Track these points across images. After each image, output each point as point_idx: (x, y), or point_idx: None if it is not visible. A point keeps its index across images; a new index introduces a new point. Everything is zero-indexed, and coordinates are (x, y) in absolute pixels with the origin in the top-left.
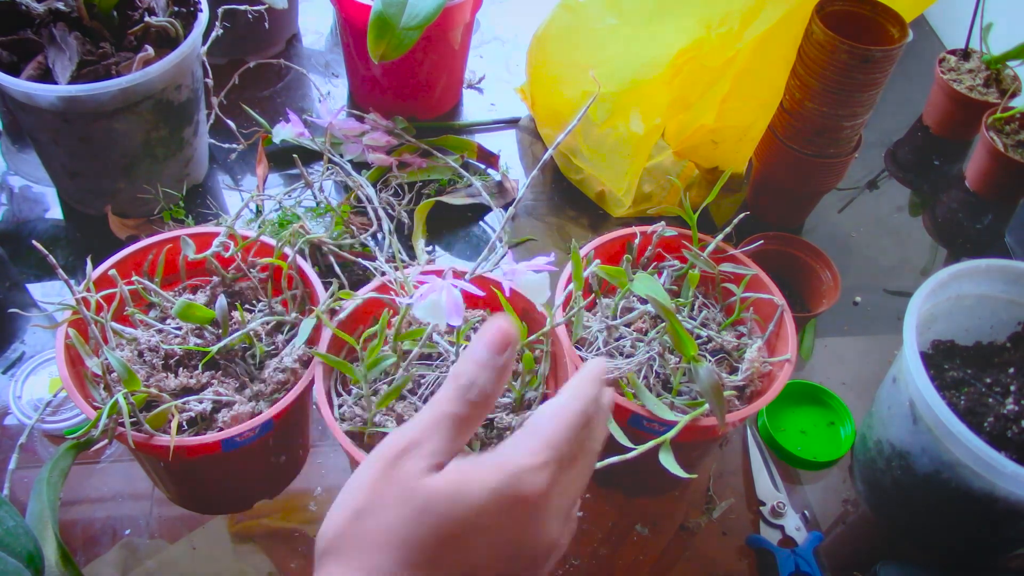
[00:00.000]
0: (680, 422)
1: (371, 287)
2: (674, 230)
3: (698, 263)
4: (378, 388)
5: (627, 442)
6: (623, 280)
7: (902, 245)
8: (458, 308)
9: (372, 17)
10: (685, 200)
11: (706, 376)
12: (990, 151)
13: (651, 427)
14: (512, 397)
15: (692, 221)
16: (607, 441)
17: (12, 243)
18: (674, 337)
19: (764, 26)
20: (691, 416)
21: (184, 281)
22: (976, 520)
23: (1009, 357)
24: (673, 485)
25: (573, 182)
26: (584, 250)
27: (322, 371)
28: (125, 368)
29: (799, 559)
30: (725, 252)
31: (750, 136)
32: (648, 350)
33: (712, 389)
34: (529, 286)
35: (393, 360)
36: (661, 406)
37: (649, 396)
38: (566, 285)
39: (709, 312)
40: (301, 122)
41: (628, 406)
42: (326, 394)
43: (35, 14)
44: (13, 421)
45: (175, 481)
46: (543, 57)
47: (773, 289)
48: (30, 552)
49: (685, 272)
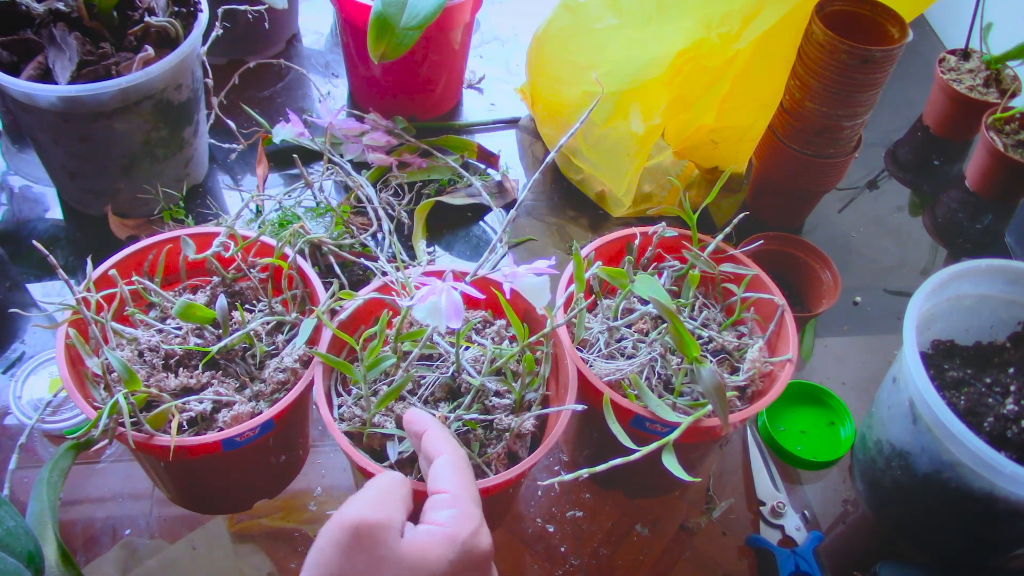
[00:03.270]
0: (683, 423)
1: (372, 287)
2: (674, 230)
3: (698, 263)
4: (378, 388)
5: (631, 443)
6: (624, 282)
7: (902, 245)
8: (458, 311)
9: (372, 17)
10: (685, 201)
11: (709, 377)
12: (990, 151)
13: (653, 428)
14: (512, 399)
15: (692, 221)
16: (611, 443)
17: (12, 243)
18: (676, 338)
19: (764, 26)
20: (694, 417)
21: (184, 281)
22: (976, 520)
23: (1009, 357)
24: (673, 485)
25: (573, 182)
26: (584, 251)
27: (322, 371)
28: (125, 368)
29: (799, 559)
30: (725, 252)
31: (750, 136)
32: (650, 351)
33: (715, 390)
34: (530, 289)
35: (393, 361)
36: (664, 407)
37: (652, 397)
38: (567, 286)
39: (710, 312)
40: (301, 122)
41: (631, 407)
42: (326, 394)
43: (35, 14)
44: (13, 421)
45: (175, 481)
46: (543, 57)
47: (773, 289)
48: (30, 552)
49: (685, 272)
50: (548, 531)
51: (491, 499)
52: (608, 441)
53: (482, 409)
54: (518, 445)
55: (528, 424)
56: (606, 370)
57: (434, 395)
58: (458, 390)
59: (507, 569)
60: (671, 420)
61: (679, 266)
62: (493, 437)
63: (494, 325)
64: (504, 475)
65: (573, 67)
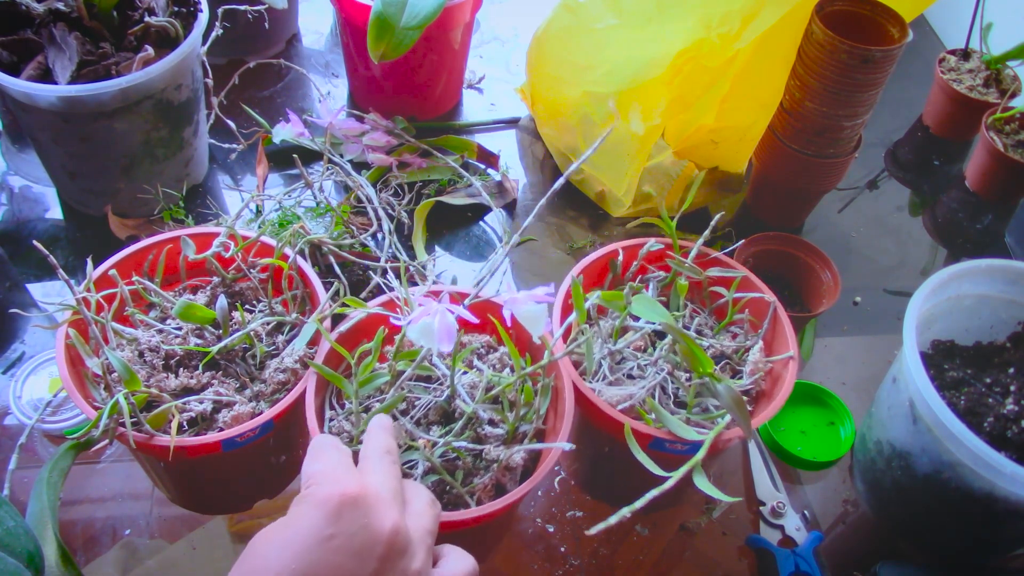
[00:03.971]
0: (706, 440)
1: (377, 302)
2: (661, 243)
3: (683, 271)
4: (370, 405)
5: (657, 468)
6: (622, 305)
7: (902, 245)
8: (450, 334)
9: (372, 17)
10: (662, 208)
11: (727, 392)
12: (990, 151)
13: (673, 448)
14: (505, 429)
15: (671, 229)
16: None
17: (12, 243)
18: (689, 356)
19: (764, 26)
20: (716, 432)
21: (184, 281)
22: (976, 520)
23: (1009, 357)
24: (677, 500)
25: (573, 182)
26: (572, 274)
27: (315, 382)
28: (125, 368)
29: (799, 559)
30: (708, 256)
31: (750, 136)
32: (657, 371)
33: (735, 403)
34: (528, 316)
35: (387, 379)
36: (684, 427)
37: (672, 419)
38: (562, 317)
39: (701, 318)
40: (301, 122)
41: (650, 432)
42: (319, 408)
43: (35, 14)
44: (13, 421)
45: (175, 481)
46: (543, 57)
47: (762, 287)
48: (30, 552)
49: (670, 281)
50: (548, 531)
51: (475, 531)
52: (602, 456)
53: (474, 437)
54: (507, 477)
55: (517, 457)
56: (616, 396)
57: (427, 417)
58: (452, 415)
59: (507, 569)
60: (693, 439)
61: (663, 276)
62: (482, 467)
63: (497, 351)
64: (482, 509)
65: (573, 67)
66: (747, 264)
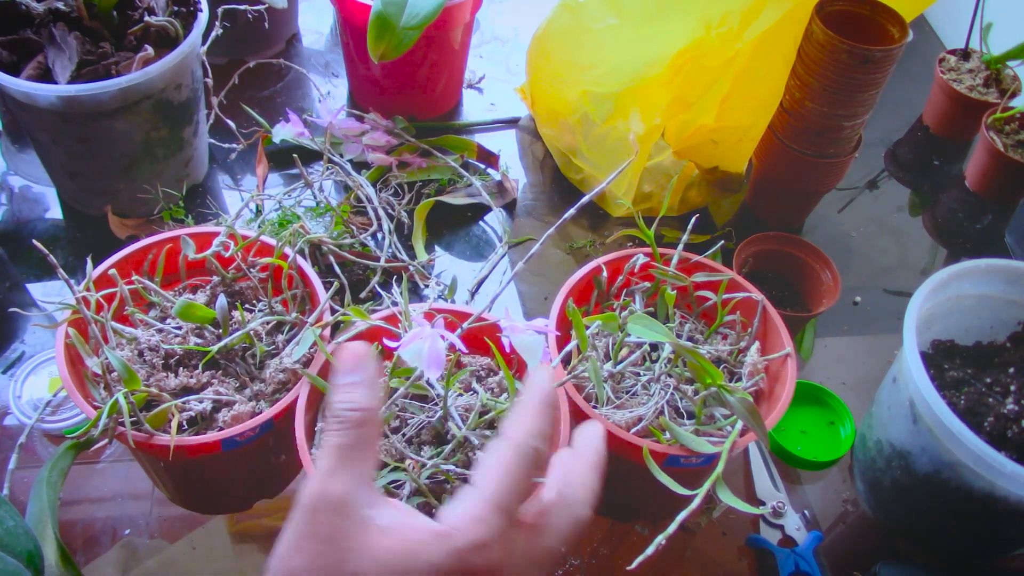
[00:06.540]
0: (723, 451)
1: (378, 316)
2: (647, 256)
3: (668, 279)
4: None
5: (681, 489)
6: (616, 327)
7: (902, 245)
8: (439, 360)
9: (372, 17)
10: (638, 219)
11: (739, 403)
12: (990, 151)
13: (688, 462)
14: None
15: (650, 238)
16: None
17: (12, 243)
18: (698, 370)
19: (764, 26)
20: (730, 441)
21: (184, 281)
22: (976, 520)
23: (1009, 357)
24: (675, 510)
25: (573, 182)
26: (561, 295)
27: (307, 393)
28: (125, 367)
29: (799, 559)
30: (690, 260)
31: (750, 136)
32: (663, 388)
33: (749, 412)
34: (525, 346)
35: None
36: (700, 441)
37: (686, 435)
38: (559, 346)
39: (690, 324)
40: (301, 122)
41: (664, 450)
42: (309, 423)
43: (35, 14)
44: (13, 421)
45: (175, 481)
46: (543, 57)
47: (749, 287)
48: (30, 552)
49: (655, 290)
50: None
51: None
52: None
53: (464, 461)
54: None
55: None
56: (626, 419)
57: (420, 437)
58: (445, 436)
59: None
60: (709, 452)
61: (648, 286)
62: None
63: (497, 375)
64: None
65: (573, 67)
66: (747, 264)
